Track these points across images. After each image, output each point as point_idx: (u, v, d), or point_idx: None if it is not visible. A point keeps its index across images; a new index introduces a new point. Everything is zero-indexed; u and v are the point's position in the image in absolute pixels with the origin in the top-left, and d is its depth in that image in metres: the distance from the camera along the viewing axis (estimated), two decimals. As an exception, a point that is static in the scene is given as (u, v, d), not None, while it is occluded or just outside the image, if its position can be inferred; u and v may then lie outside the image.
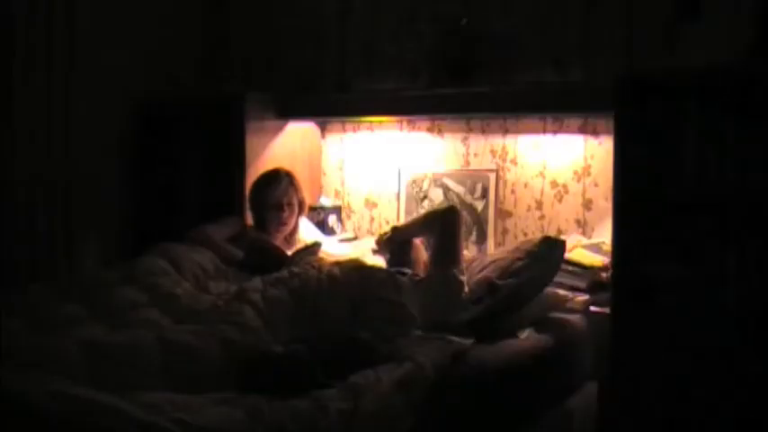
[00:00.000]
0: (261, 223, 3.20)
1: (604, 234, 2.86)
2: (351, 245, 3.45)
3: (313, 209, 3.60)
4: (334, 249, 3.24)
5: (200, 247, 2.92)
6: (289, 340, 2.20)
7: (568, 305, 2.79)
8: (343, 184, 3.80)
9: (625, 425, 2.46)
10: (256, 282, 2.52)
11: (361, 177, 3.74)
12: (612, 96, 2.46)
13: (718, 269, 2.29)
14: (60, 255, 3.47)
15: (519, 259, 2.70)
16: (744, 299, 2.26)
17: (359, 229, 3.74)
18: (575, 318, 2.79)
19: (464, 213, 3.31)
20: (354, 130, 3.76)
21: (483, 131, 3.38)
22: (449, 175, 3.44)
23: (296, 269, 2.62)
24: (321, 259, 2.89)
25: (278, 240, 3.15)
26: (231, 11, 4.08)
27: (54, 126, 3.44)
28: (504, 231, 3.31)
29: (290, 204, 3.17)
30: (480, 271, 2.80)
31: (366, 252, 3.14)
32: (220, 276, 2.81)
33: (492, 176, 3.31)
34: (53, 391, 1.68)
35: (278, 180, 3.20)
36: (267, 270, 2.68)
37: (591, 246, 2.93)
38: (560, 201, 3.18)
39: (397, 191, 3.60)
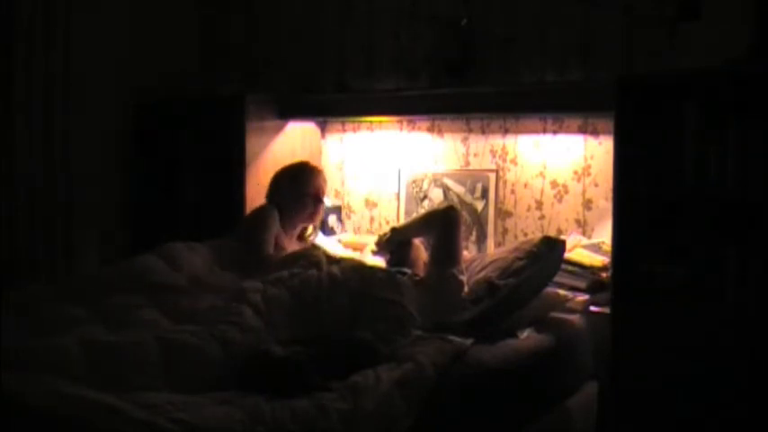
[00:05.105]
0: (287, 211, 3.14)
1: (604, 234, 2.85)
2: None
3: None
4: (334, 249, 3.24)
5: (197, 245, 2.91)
6: (289, 340, 2.20)
7: (568, 305, 2.79)
8: (343, 184, 3.80)
9: (625, 425, 2.47)
10: (256, 282, 2.52)
11: (361, 177, 3.74)
12: (612, 96, 2.46)
13: (718, 269, 2.29)
14: (60, 255, 3.47)
15: (519, 259, 2.70)
16: (744, 299, 2.26)
17: (359, 229, 3.74)
18: (575, 318, 2.79)
19: (464, 213, 3.31)
20: (354, 130, 3.76)
21: (483, 131, 3.38)
22: (449, 175, 3.44)
23: (296, 269, 2.62)
24: (319, 254, 2.86)
25: (294, 235, 3.15)
26: (231, 10, 4.08)
27: (54, 126, 3.45)
28: (504, 231, 3.31)
29: (321, 200, 3.21)
30: (480, 271, 2.80)
31: (366, 252, 3.14)
32: (218, 276, 2.80)
33: (492, 176, 3.31)
34: (53, 391, 1.68)
35: (317, 171, 3.25)
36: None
37: (591, 246, 2.93)
38: (560, 201, 3.18)
39: (397, 191, 3.60)
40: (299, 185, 3.15)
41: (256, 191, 3.44)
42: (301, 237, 3.24)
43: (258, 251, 2.91)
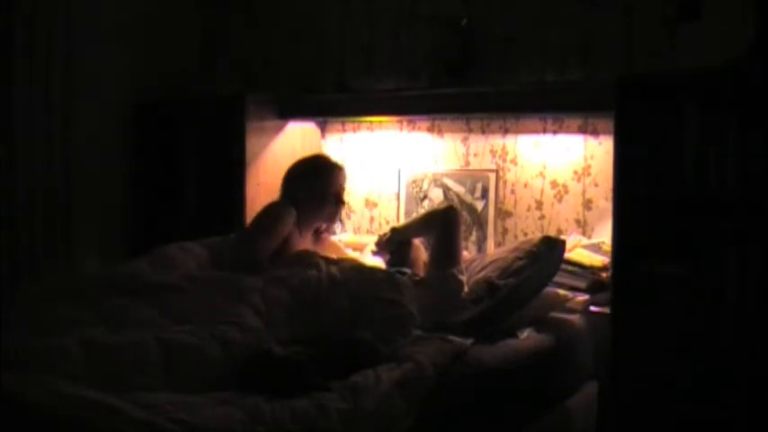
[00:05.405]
0: (304, 209, 2.97)
1: (604, 234, 2.86)
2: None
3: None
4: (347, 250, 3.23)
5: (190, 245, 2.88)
6: (289, 340, 2.20)
7: (568, 305, 2.79)
8: (343, 183, 3.79)
9: (625, 425, 2.47)
10: (256, 281, 2.51)
11: (361, 177, 3.74)
12: (612, 96, 2.46)
13: (718, 269, 2.29)
14: (60, 255, 3.47)
15: (519, 259, 2.70)
16: (744, 299, 2.26)
17: (359, 229, 3.74)
18: (575, 318, 2.79)
19: (464, 213, 3.31)
20: (354, 130, 3.76)
21: (483, 131, 3.38)
22: (449, 175, 3.44)
23: (296, 269, 2.61)
24: (318, 255, 2.86)
25: (308, 235, 3.01)
26: (231, 10, 4.08)
27: (54, 126, 3.45)
28: (504, 231, 3.31)
29: (342, 200, 3.07)
30: (480, 271, 2.80)
31: (366, 252, 3.14)
32: (216, 276, 2.78)
33: (492, 176, 3.31)
34: (53, 391, 1.68)
35: (339, 168, 3.07)
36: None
37: (591, 246, 2.93)
38: (560, 201, 3.18)
39: (397, 191, 3.60)
40: (321, 183, 2.99)
41: (256, 191, 3.44)
42: (317, 234, 3.09)
43: (250, 252, 2.78)
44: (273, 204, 3.01)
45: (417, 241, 2.98)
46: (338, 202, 3.03)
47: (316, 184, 2.99)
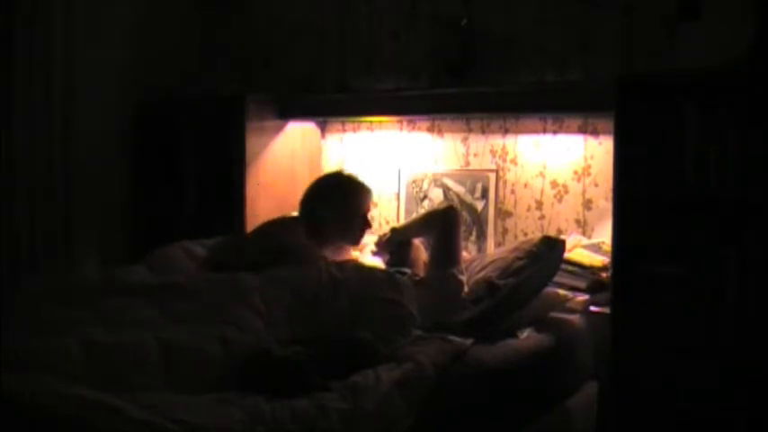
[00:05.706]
0: (330, 230, 2.86)
1: (604, 234, 2.85)
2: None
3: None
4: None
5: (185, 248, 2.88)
6: (289, 340, 2.20)
7: (568, 305, 2.79)
8: (343, 184, 3.79)
9: (625, 425, 2.47)
10: (256, 280, 2.51)
11: (361, 177, 3.73)
12: (612, 96, 2.46)
13: (718, 269, 2.29)
14: (60, 255, 3.47)
15: (519, 259, 2.70)
16: (744, 299, 2.26)
17: (359, 229, 3.73)
18: (574, 318, 2.79)
19: (464, 213, 3.31)
20: (354, 130, 3.76)
21: (483, 131, 3.38)
22: (449, 175, 3.44)
23: (296, 269, 2.61)
24: (321, 258, 2.85)
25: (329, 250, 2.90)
26: (231, 10, 4.08)
27: (54, 126, 3.45)
28: (504, 231, 3.31)
29: (369, 223, 2.98)
30: (480, 271, 2.80)
31: (366, 252, 3.14)
32: (215, 276, 2.78)
33: (492, 176, 3.31)
34: (53, 391, 1.68)
35: (368, 190, 2.96)
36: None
37: (591, 246, 2.92)
38: (560, 201, 3.18)
39: (397, 191, 3.60)
40: (349, 205, 2.88)
41: (256, 191, 3.44)
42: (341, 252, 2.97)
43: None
44: (281, 220, 2.96)
45: (417, 241, 2.98)
46: (365, 225, 2.94)
47: (343, 206, 2.88)
